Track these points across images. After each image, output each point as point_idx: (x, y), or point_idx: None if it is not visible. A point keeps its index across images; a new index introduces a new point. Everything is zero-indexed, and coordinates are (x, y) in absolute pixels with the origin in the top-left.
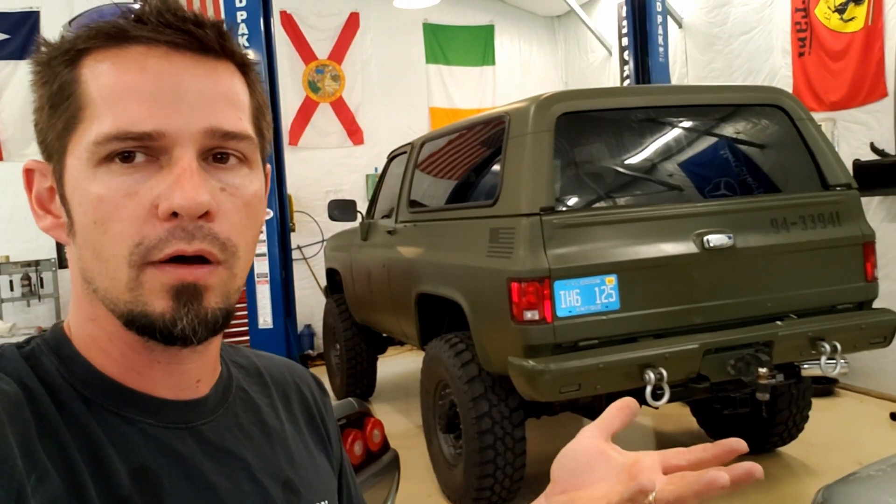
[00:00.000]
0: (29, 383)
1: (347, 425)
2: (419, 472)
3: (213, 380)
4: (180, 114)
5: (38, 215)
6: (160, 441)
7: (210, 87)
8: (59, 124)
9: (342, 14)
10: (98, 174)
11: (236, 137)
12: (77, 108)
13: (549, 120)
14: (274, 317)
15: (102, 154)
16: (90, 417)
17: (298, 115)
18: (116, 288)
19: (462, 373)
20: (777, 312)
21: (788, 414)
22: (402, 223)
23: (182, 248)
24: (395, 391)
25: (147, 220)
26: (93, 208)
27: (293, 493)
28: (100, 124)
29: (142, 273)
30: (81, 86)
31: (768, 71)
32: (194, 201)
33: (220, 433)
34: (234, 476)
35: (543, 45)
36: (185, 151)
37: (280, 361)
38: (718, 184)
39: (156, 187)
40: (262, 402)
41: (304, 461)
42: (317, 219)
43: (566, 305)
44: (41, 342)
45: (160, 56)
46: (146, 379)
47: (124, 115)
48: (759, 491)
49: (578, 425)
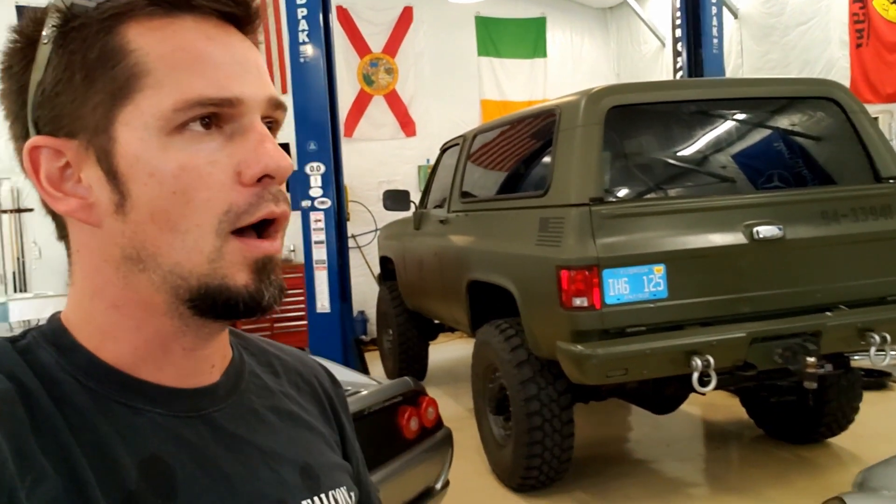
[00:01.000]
0: (23, 378)
1: (403, 402)
2: (469, 453)
3: (224, 364)
4: (249, 82)
5: (53, 197)
6: (171, 430)
7: (258, 58)
8: (99, 95)
9: (396, 8)
10: (173, 143)
11: (282, 107)
12: (130, 76)
13: (599, 113)
14: (331, 301)
15: (178, 121)
16: (95, 410)
17: (353, 107)
18: (193, 260)
19: (512, 357)
20: (826, 303)
21: (837, 405)
22: (454, 213)
23: (272, 209)
24: (446, 376)
25: (233, 186)
26: (173, 178)
27: (311, 479)
28: (176, 91)
29: (226, 244)
30: (134, 54)
31: (825, 62)
32: (284, 163)
33: (234, 420)
34: (250, 463)
35: (595, 37)
36: (256, 118)
37: (291, 351)
38: (771, 176)
39: (235, 154)
40: (274, 388)
41: (319, 448)
42: (370, 208)
43: (614, 293)
44: (38, 335)
45: (215, 26)
46: (160, 368)
47: (201, 80)
48: (806, 479)
49: (625, 412)
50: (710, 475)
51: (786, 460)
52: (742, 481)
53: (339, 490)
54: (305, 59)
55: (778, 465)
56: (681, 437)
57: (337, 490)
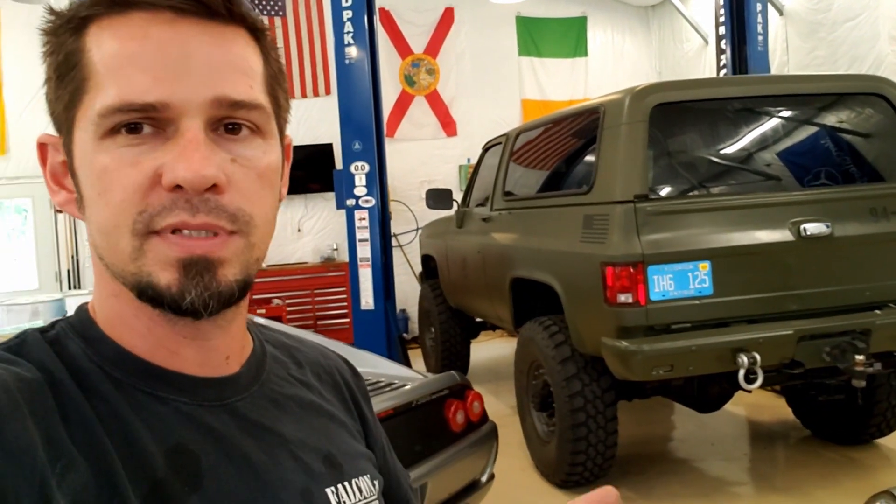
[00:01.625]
0: (52, 368)
1: (449, 396)
2: (512, 449)
3: (243, 357)
4: (186, 83)
5: (52, 191)
6: (196, 419)
7: (218, 54)
8: (66, 96)
9: (437, 9)
10: (103, 146)
11: (246, 107)
12: (82, 78)
13: (644, 111)
14: (375, 299)
15: (107, 126)
16: (121, 399)
17: (395, 107)
18: (121, 259)
19: (556, 353)
20: (875, 301)
21: (887, 405)
22: (496, 211)
23: (185, 219)
24: (487, 374)
25: (151, 188)
26: (97, 179)
27: (335, 468)
28: (103, 96)
29: (145, 242)
30: (86, 55)
31: (874, 59)
32: (198, 174)
33: (257, 409)
34: (274, 452)
35: (637, 35)
36: (191, 122)
37: (311, 344)
38: (818, 173)
39: (160, 157)
40: (296, 379)
41: (342, 437)
42: (411, 208)
43: (659, 290)
44: (66, 325)
45: (164, 22)
46: (176, 356)
47: (127, 85)
48: (854, 479)
49: (669, 410)
50: (755, 475)
51: (833, 461)
52: (788, 481)
53: (362, 478)
54: (350, 61)
55: (825, 465)
56: (726, 437)
57: (360, 478)
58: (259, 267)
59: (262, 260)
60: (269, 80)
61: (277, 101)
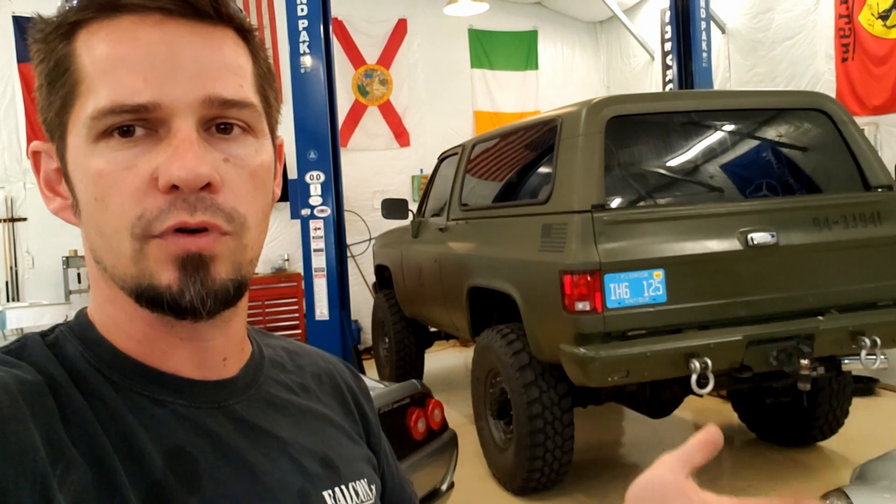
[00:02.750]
0: (52, 371)
1: (411, 404)
2: (468, 458)
3: (241, 359)
4: (176, 83)
5: (47, 198)
6: (193, 421)
7: (207, 54)
8: (57, 102)
9: (390, 20)
10: (97, 150)
11: (237, 105)
12: (73, 83)
13: (600, 123)
14: (330, 309)
15: (100, 129)
16: (119, 401)
17: (348, 117)
18: (122, 263)
19: (514, 361)
20: (819, 307)
21: (829, 408)
22: (453, 220)
23: (184, 219)
24: (441, 383)
25: (148, 192)
26: (93, 184)
27: (332, 470)
28: (95, 99)
29: (145, 245)
30: (76, 60)
31: (811, 76)
32: (193, 172)
33: (254, 412)
34: (271, 454)
35: (586, 50)
36: (183, 122)
37: (310, 349)
38: (760, 184)
39: (154, 159)
40: (294, 384)
41: (340, 440)
42: (364, 218)
43: (616, 297)
44: (65, 329)
45: (152, 24)
46: (172, 359)
47: (118, 87)
48: (800, 480)
49: (621, 417)
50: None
51: (778, 462)
52: (736, 483)
53: (359, 482)
54: (306, 70)
55: (771, 467)
56: (676, 441)
57: (358, 482)
58: (254, 268)
59: (256, 262)
60: (258, 79)
61: (268, 101)
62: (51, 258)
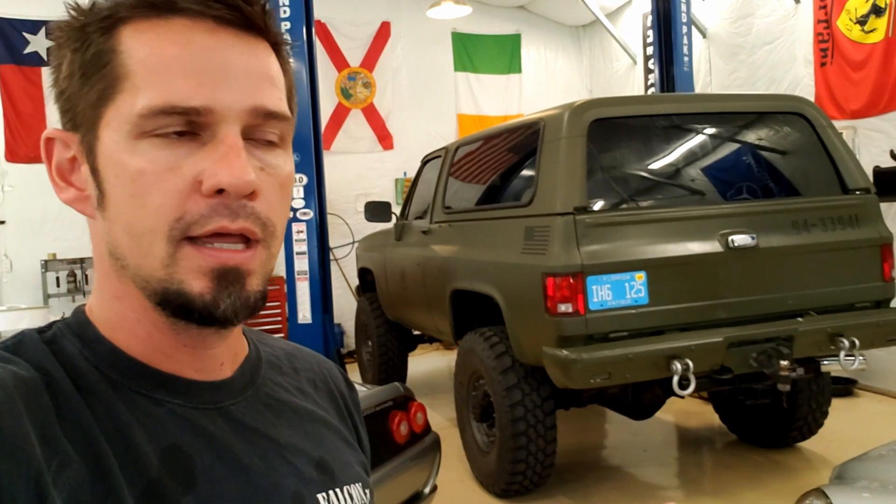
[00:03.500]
0: (49, 368)
1: (393, 407)
2: (451, 461)
3: (236, 362)
4: (227, 90)
5: (58, 186)
6: (190, 421)
7: (254, 64)
8: (93, 94)
9: (374, 23)
10: (139, 147)
11: (277, 117)
12: (115, 77)
13: (582, 125)
14: (313, 312)
15: (148, 128)
16: (116, 399)
17: (331, 120)
18: (150, 265)
19: (497, 364)
20: (798, 309)
21: (808, 409)
22: (436, 223)
23: (225, 224)
24: (424, 387)
25: (189, 195)
26: (131, 181)
27: (326, 473)
28: (145, 97)
29: (179, 250)
30: (121, 55)
31: (790, 80)
32: (242, 179)
33: (251, 413)
34: (267, 456)
35: (569, 53)
36: (231, 129)
37: (308, 352)
38: (741, 187)
39: (199, 163)
40: (291, 385)
41: (335, 444)
42: (347, 221)
43: (598, 299)
44: (63, 326)
45: (206, 30)
46: (173, 360)
47: (171, 88)
48: (779, 481)
49: (602, 419)
50: (685, 479)
51: (759, 463)
52: (717, 484)
53: (354, 486)
54: None
55: (751, 468)
56: (657, 443)
57: (352, 486)
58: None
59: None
60: (288, 92)
61: (293, 113)
62: (29, 262)
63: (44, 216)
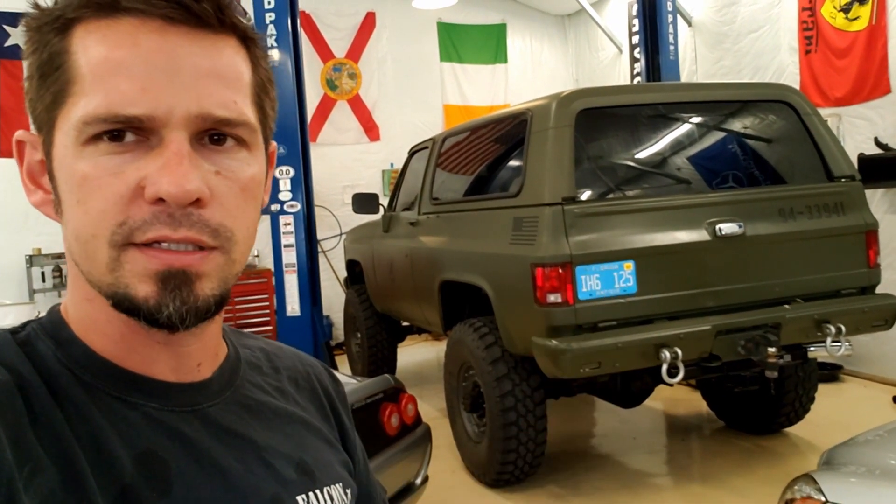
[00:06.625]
0: (22, 370)
1: (384, 399)
2: (441, 452)
3: (215, 363)
4: (173, 95)
5: (28, 189)
6: (166, 424)
7: (207, 65)
8: (48, 97)
9: (359, 14)
10: (85, 152)
11: (231, 124)
12: (66, 81)
13: (570, 115)
14: (301, 305)
15: (90, 133)
16: (90, 403)
17: (317, 112)
18: (97, 270)
19: (486, 354)
20: (785, 296)
21: (795, 395)
22: (424, 215)
23: (166, 233)
24: (413, 378)
25: (133, 200)
26: (77, 187)
27: (307, 475)
28: (87, 102)
29: (123, 254)
30: (71, 57)
31: (776, 68)
32: (182, 188)
33: (228, 415)
34: (245, 458)
35: (554, 43)
36: (176, 134)
37: (290, 351)
38: (727, 176)
39: (143, 168)
40: (270, 386)
41: (316, 444)
42: (335, 213)
43: (587, 289)
44: (37, 326)
45: (154, 30)
46: (147, 361)
47: (113, 94)
48: (767, 466)
49: (592, 408)
50: (675, 465)
51: (747, 450)
52: (706, 470)
53: (334, 486)
54: (273, 64)
55: (739, 454)
56: (646, 431)
57: (332, 486)
58: (236, 280)
59: (240, 273)
60: (256, 88)
61: (264, 111)
62: (14, 256)
63: (28, 211)
